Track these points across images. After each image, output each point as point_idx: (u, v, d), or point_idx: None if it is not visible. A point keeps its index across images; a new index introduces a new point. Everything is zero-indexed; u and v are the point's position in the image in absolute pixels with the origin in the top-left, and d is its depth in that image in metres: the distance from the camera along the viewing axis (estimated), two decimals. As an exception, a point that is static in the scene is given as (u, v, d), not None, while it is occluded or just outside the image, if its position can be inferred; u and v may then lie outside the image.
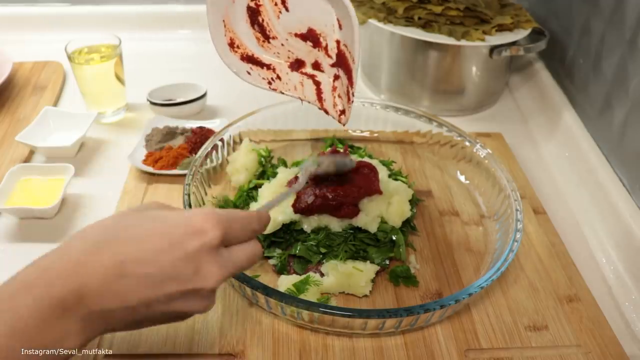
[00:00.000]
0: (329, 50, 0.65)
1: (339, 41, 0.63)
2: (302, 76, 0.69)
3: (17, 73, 1.13)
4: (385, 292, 0.73)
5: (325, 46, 0.65)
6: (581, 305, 0.73)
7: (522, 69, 1.22)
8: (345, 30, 0.61)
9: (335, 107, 0.68)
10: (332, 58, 0.65)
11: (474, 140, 0.90)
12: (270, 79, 0.71)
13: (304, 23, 0.65)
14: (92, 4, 1.30)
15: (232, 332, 0.67)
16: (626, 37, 0.87)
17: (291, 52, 0.68)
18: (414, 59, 1.07)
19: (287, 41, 0.67)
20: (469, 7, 1.04)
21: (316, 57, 0.66)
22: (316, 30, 0.64)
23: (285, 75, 0.70)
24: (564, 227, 0.86)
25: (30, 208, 0.80)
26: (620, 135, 0.87)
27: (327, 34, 0.64)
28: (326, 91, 0.68)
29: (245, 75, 0.70)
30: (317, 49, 0.66)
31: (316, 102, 0.69)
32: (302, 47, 0.67)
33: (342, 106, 0.67)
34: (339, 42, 0.63)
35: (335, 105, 0.68)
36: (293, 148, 0.97)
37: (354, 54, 0.61)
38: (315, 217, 0.75)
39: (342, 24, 0.61)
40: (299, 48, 0.67)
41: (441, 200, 0.89)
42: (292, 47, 0.67)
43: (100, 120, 1.03)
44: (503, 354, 0.66)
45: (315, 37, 0.65)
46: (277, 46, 0.68)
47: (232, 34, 0.68)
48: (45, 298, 0.41)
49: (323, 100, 0.69)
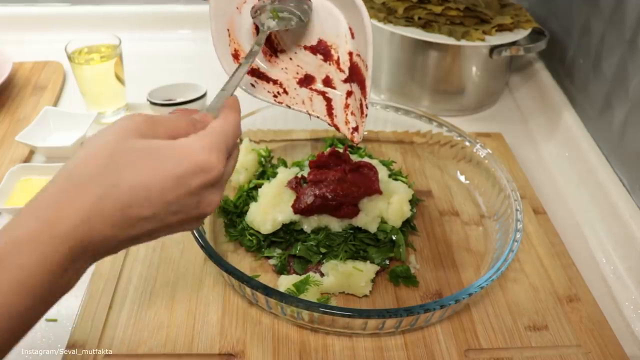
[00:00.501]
0: (341, 64, 0.62)
1: (351, 52, 0.61)
2: (311, 92, 0.66)
3: (17, 73, 1.13)
4: (385, 292, 0.73)
5: (337, 59, 0.63)
6: (581, 305, 0.73)
7: (522, 69, 1.22)
8: (357, 36, 0.59)
9: (348, 124, 0.65)
10: (345, 72, 0.63)
11: (474, 140, 0.90)
12: (276, 92, 0.67)
13: (313, 34, 0.62)
14: (92, 4, 1.30)
15: (232, 332, 0.67)
16: (626, 37, 0.87)
17: (300, 67, 0.65)
18: (414, 59, 1.07)
19: (295, 55, 0.64)
20: (469, 7, 1.04)
21: (327, 72, 0.64)
22: (327, 42, 0.62)
23: (293, 89, 0.67)
24: (564, 227, 0.86)
25: (30, 208, 0.80)
26: (620, 135, 0.87)
27: (338, 45, 0.62)
28: (338, 107, 0.65)
29: (249, 87, 0.66)
30: (328, 63, 0.63)
31: (326, 117, 0.66)
32: (312, 61, 0.64)
33: (355, 123, 0.64)
34: (351, 54, 0.61)
35: (348, 122, 0.65)
36: (293, 148, 0.97)
37: (367, 60, 0.59)
38: (315, 217, 0.75)
39: (354, 30, 0.59)
40: (309, 62, 0.64)
41: (441, 200, 0.89)
42: (301, 62, 0.65)
43: (100, 120, 1.03)
44: (503, 354, 0.66)
45: (327, 49, 0.63)
46: (285, 60, 0.65)
47: (237, 45, 0.65)
48: (54, 254, 0.40)
49: (334, 116, 0.66)
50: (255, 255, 0.77)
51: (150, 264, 0.75)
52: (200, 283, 0.73)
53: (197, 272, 0.74)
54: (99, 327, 0.66)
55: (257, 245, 0.76)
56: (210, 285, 0.72)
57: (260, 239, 0.76)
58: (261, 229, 0.75)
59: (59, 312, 0.69)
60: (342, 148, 0.89)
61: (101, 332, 0.66)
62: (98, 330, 0.66)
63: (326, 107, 0.66)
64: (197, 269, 0.74)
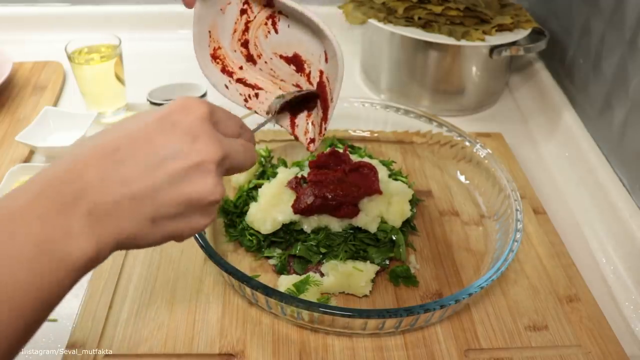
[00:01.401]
0: (311, 78, 0.64)
1: (322, 72, 0.62)
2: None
3: (17, 73, 1.13)
4: (385, 292, 0.73)
5: (308, 73, 0.64)
6: (581, 305, 0.73)
7: (522, 69, 1.22)
8: (330, 66, 0.61)
9: (307, 134, 0.67)
10: (313, 86, 0.64)
11: (474, 140, 0.90)
12: (247, 95, 0.68)
13: (290, 47, 0.64)
14: (92, 4, 1.30)
15: (232, 332, 0.67)
16: (626, 37, 0.87)
17: (273, 71, 0.66)
18: (414, 59, 1.07)
19: (271, 60, 0.66)
20: (469, 7, 1.04)
21: (297, 81, 0.66)
22: (302, 57, 0.64)
23: (263, 94, 0.68)
24: (564, 227, 0.86)
25: (30, 208, 0.80)
26: (620, 135, 0.87)
27: (312, 62, 0.63)
28: (299, 117, 0.67)
29: (223, 88, 0.68)
30: (299, 74, 0.65)
31: (288, 127, 0.68)
32: (285, 69, 0.66)
33: (312, 134, 0.66)
34: (322, 73, 0.62)
35: (307, 132, 0.67)
36: (293, 148, 0.97)
37: (333, 93, 0.60)
38: (315, 217, 0.75)
39: (329, 59, 0.60)
40: (281, 69, 0.66)
41: (441, 200, 0.89)
42: (275, 67, 0.66)
43: (100, 120, 1.03)
44: (503, 354, 0.67)
45: (300, 63, 0.64)
46: (261, 63, 0.67)
47: (217, 44, 0.66)
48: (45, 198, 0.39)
49: (295, 126, 0.68)
50: (255, 255, 0.77)
51: (151, 264, 0.75)
52: (200, 283, 0.73)
53: (197, 272, 0.74)
54: (99, 327, 0.66)
55: (257, 245, 0.76)
56: (210, 285, 0.72)
57: (260, 239, 0.76)
58: (261, 229, 0.75)
59: (59, 312, 0.68)
60: (342, 148, 0.89)
61: (101, 331, 0.66)
62: (98, 330, 0.66)
63: (290, 117, 0.67)
64: (197, 269, 0.74)
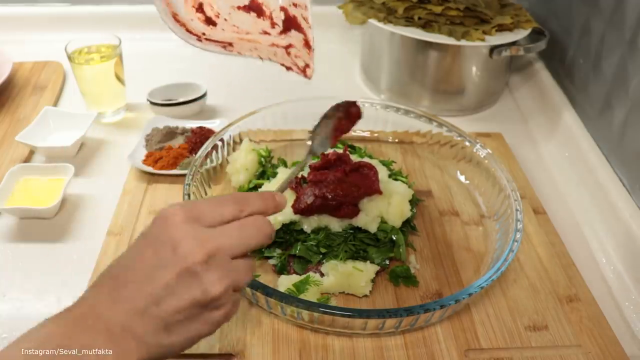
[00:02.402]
0: (274, 19, 0.63)
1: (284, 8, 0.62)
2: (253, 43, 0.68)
3: (17, 73, 1.13)
4: (385, 292, 0.73)
5: (269, 15, 0.63)
6: (581, 305, 0.73)
7: (522, 69, 1.22)
8: None
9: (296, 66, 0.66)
10: (279, 26, 0.63)
11: (474, 140, 0.90)
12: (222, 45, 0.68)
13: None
14: (92, 4, 1.30)
15: (232, 332, 0.67)
16: (626, 37, 0.87)
17: (236, 27, 0.66)
18: (414, 59, 1.07)
19: (230, 15, 0.65)
20: (469, 7, 1.04)
21: (262, 28, 0.65)
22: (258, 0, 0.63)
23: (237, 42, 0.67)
24: (564, 227, 0.86)
25: (30, 208, 0.80)
26: (620, 135, 0.87)
27: (269, 3, 0.63)
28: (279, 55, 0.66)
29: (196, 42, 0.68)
30: (261, 19, 0.64)
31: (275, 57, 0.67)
32: (246, 20, 0.65)
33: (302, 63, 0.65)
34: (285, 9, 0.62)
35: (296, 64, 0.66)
36: (293, 148, 0.97)
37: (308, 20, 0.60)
38: (315, 217, 0.75)
39: None
40: (244, 21, 0.65)
41: (441, 200, 0.89)
42: (237, 21, 0.65)
43: (100, 120, 1.03)
44: (503, 354, 0.66)
45: (258, 7, 0.63)
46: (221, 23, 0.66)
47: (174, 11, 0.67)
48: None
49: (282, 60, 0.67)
50: (255, 255, 0.77)
51: (150, 264, 0.74)
52: (200, 283, 0.72)
53: (197, 272, 0.74)
54: (99, 327, 0.66)
55: (257, 245, 0.76)
56: (210, 285, 0.72)
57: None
58: (261, 229, 0.75)
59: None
60: (342, 148, 0.89)
61: (101, 332, 0.66)
62: (98, 330, 0.66)
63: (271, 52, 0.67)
64: (197, 269, 0.74)
